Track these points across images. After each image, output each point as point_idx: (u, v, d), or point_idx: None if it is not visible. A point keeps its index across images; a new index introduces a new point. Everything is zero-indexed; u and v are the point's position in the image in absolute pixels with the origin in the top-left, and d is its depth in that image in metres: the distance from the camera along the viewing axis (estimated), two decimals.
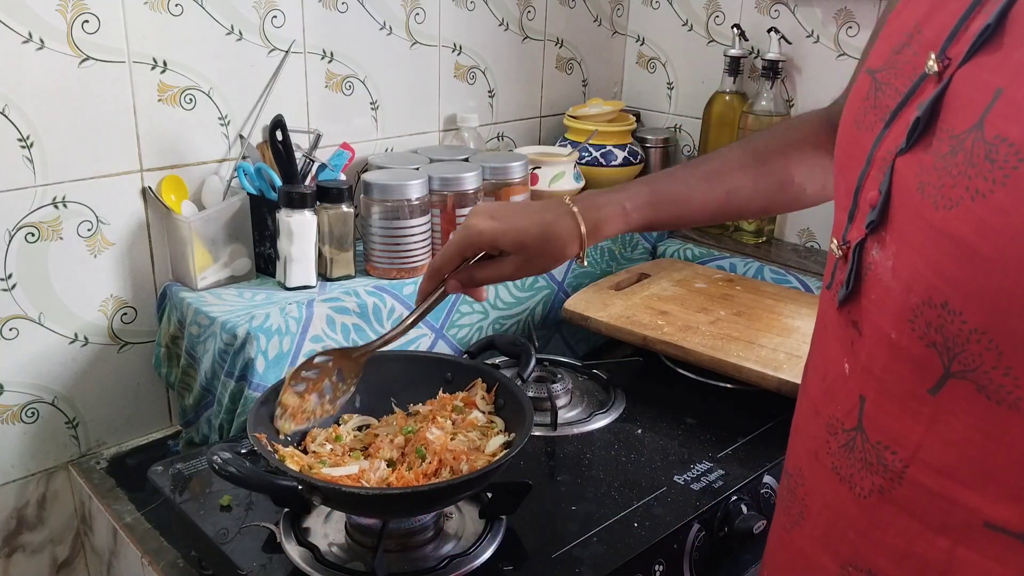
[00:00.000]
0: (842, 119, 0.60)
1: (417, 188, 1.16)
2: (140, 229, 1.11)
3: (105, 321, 1.11)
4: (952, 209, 0.46)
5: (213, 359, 1.05)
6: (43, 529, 1.14)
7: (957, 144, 0.46)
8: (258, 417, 0.84)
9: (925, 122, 0.49)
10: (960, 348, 0.47)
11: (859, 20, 1.37)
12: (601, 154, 1.52)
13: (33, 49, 0.97)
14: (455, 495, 0.83)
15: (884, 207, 0.52)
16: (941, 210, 0.47)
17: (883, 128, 0.53)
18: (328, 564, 0.82)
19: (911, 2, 0.56)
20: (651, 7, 1.64)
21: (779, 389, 1.08)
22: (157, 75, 1.07)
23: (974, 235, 0.45)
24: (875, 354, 0.54)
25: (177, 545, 0.95)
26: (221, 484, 0.91)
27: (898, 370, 0.52)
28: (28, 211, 1.01)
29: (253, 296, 1.10)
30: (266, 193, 1.14)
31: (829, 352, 0.60)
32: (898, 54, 0.54)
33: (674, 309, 1.27)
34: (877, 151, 0.54)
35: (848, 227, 0.56)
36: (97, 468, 1.12)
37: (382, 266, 1.18)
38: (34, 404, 1.08)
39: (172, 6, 1.06)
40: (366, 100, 1.30)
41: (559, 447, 1.05)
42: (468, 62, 1.43)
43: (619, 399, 1.16)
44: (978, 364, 0.46)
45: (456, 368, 0.97)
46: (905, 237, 0.50)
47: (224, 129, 1.15)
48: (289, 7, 1.17)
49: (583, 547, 0.86)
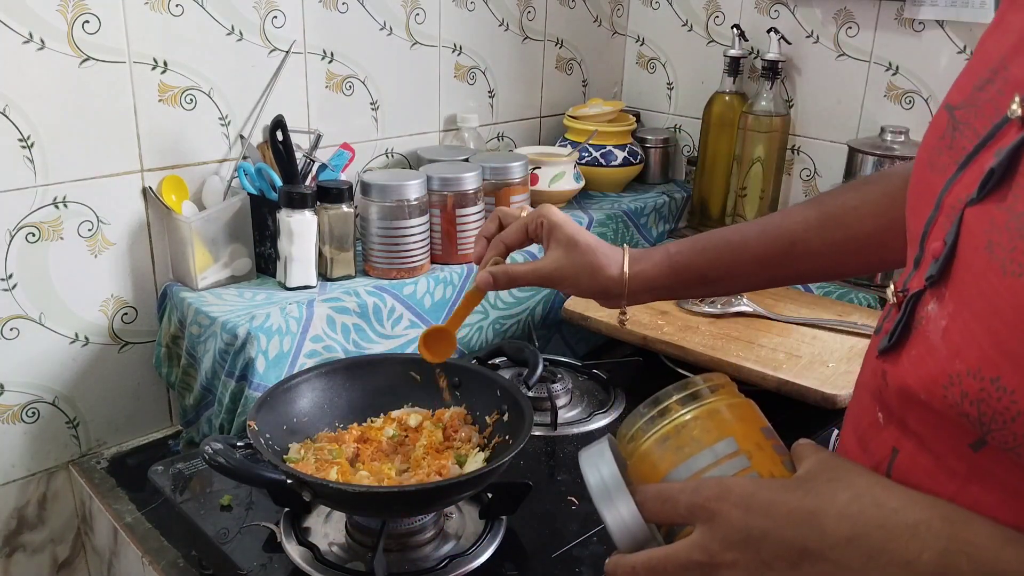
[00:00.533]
0: (917, 156, 0.55)
1: (416, 188, 1.16)
2: (141, 229, 1.11)
3: (106, 321, 1.11)
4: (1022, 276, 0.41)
5: (213, 359, 1.05)
6: (44, 529, 1.14)
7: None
8: (259, 411, 0.84)
9: (1001, 173, 0.43)
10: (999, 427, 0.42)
11: (859, 20, 1.37)
12: (601, 154, 1.52)
13: (34, 49, 0.97)
14: (455, 495, 0.83)
15: (947, 261, 0.46)
16: (1009, 276, 0.41)
17: (955, 172, 0.47)
18: (328, 564, 0.82)
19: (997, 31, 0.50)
20: (651, 7, 1.64)
21: (779, 389, 1.08)
22: (157, 75, 1.07)
23: None
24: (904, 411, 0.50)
25: (177, 545, 0.95)
26: (221, 484, 0.91)
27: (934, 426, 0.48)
28: (29, 211, 1.01)
29: (253, 296, 1.10)
30: (266, 193, 1.14)
31: (863, 400, 0.56)
32: (980, 91, 0.48)
33: (674, 309, 1.27)
34: (946, 197, 0.48)
35: (911, 275, 0.51)
36: (97, 468, 1.12)
37: (381, 266, 1.18)
38: (35, 404, 1.08)
39: (172, 6, 1.06)
40: (366, 100, 1.30)
41: (559, 447, 1.05)
42: (468, 62, 1.43)
43: (619, 399, 1.16)
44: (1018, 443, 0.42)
45: (463, 373, 0.97)
46: (965, 299, 0.44)
47: (224, 129, 1.15)
48: (289, 7, 1.17)
49: (583, 547, 0.86)
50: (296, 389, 0.92)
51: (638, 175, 1.58)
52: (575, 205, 1.47)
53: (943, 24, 1.29)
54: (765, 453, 0.50)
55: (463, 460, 0.87)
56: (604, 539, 0.87)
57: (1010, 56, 0.47)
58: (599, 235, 1.42)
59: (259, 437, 0.82)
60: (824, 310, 1.29)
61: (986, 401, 0.42)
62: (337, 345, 1.10)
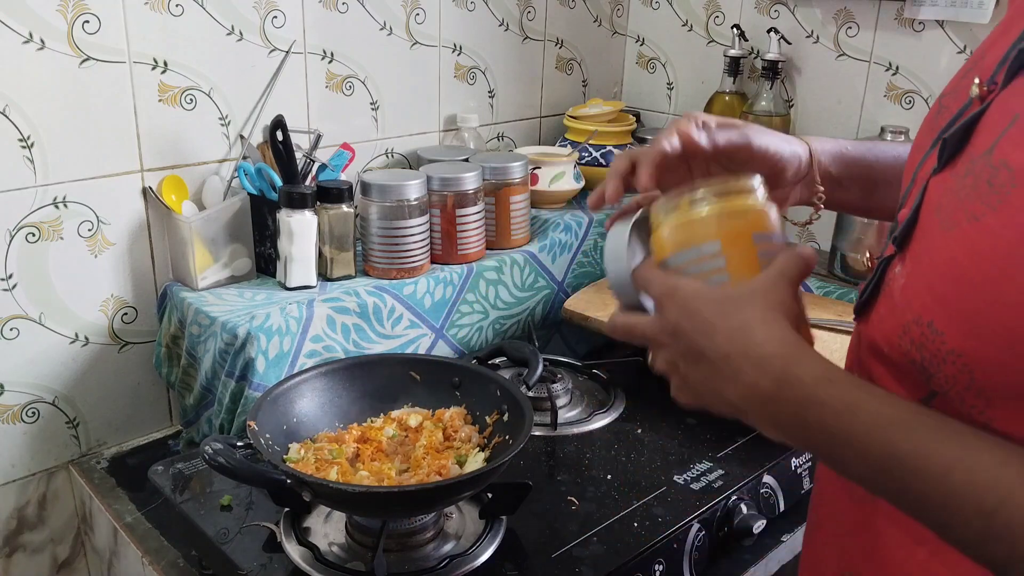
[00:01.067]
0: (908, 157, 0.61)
1: (416, 188, 1.16)
2: (141, 229, 1.11)
3: (106, 321, 1.11)
4: (952, 231, 0.47)
5: (213, 359, 1.05)
6: (44, 529, 1.14)
7: (972, 167, 0.47)
8: (259, 411, 0.84)
9: (954, 145, 0.49)
10: (936, 369, 0.48)
11: (859, 20, 1.37)
12: (601, 154, 1.52)
13: (34, 49, 0.97)
14: (455, 495, 0.83)
15: (910, 226, 0.52)
16: (945, 231, 0.48)
17: (928, 149, 0.54)
18: (328, 564, 0.82)
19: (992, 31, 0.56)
20: (651, 7, 1.64)
21: None
22: (157, 75, 1.07)
23: (965, 257, 0.46)
24: (871, 366, 0.56)
25: (177, 545, 0.95)
26: (221, 484, 0.91)
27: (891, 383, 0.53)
28: (29, 211, 1.01)
29: (253, 296, 1.10)
30: (266, 193, 1.14)
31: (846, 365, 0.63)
32: (962, 79, 0.55)
33: None
34: (920, 171, 0.54)
35: (887, 243, 0.57)
36: (98, 468, 1.12)
37: (381, 266, 1.18)
38: (35, 404, 1.08)
39: (172, 6, 1.06)
40: (366, 100, 1.30)
41: (559, 447, 1.05)
42: (468, 62, 1.43)
43: (619, 399, 1.16)
44: (951, 386, 0.48)
45: (463, 373, 0.97)
46: (918, 257, 0.51)
47: (224, 129, 1.15)
48: (289, 7, 1.17)
49: (583, 547, 0.86)
50: (296, 389, 0.92)
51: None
52: (575, 205, 1.47)
53: (943, 24, 1.29)
54: (745, 259, 0.57)
55: (463, 460, 0.87)
56: (604, 539, 0.87)
57: (988, 47, 0.53)
58: (599, 235, 1.43)
59: (259, 437, 0.82)
60: (824, 310, 1.28)
61: (926, 345, 0.49)
62: (337, 345, 1.10)
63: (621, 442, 1.06)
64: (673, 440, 1.07)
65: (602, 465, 1.01)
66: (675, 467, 1.00)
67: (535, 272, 1.34)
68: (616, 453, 1.04)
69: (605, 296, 1.32)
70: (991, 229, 0.44)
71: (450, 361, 1.04)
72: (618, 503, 0.93)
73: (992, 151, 0.46)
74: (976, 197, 0.46)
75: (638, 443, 1.06)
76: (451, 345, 1.24)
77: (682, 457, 1.03)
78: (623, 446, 1.05)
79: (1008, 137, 0.45)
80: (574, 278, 1.41)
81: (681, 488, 0.96)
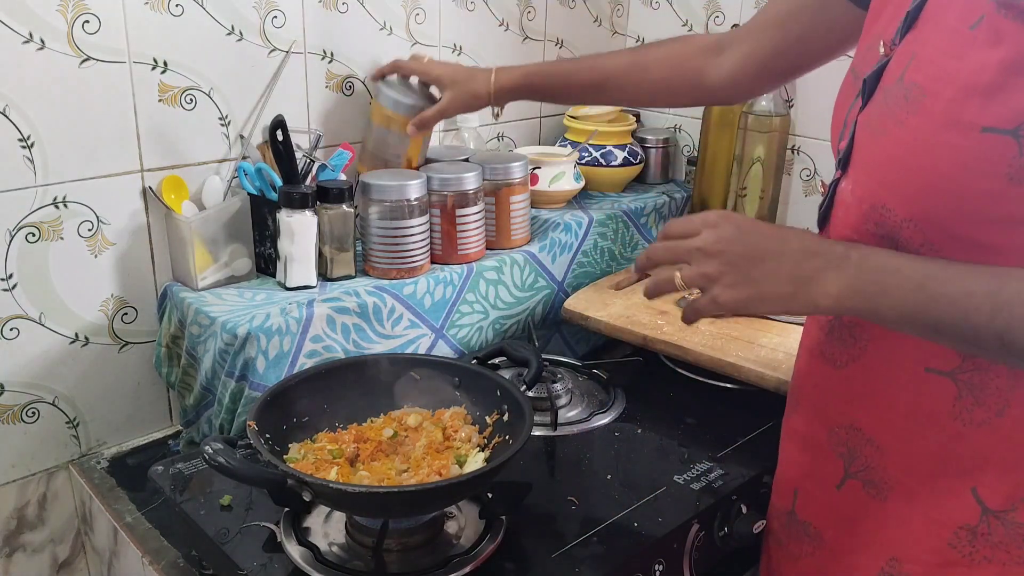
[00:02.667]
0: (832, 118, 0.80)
1: (416, 188, 1.16)
2: (140, 229, 1.11)
3: (106, 321, 1.11)
4: (884, 136, 0.67)
5: (213, 359, 1.05)
6: (44, 529, 1.14)
7: (888, 93, 0.68)
8: (259, 411, 0.84)
9: (872, 82, 0.70)
10: (896, 235, 0.68)
11: None
12: (601, 154, 1.52)
13: (33, 49, 0.97)
14: (455, 495, 0.83)
15: (848, 151, 0.73)
16: (879, 136, 0.68)
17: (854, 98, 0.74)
18: (328, 564, 0.82)
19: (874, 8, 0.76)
20: (651, 7, 1.64)
21: (778, 389, 1.08)
22: (157, 75, 1.07)
23: (901, 150, 0.65)
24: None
25: (177, 545, 0.95)
26: (221, 484, 0.91)
27: None
28: (29, 211, 1.01)
29: (253, 296, 1.10)
30: (266, 193, 1.14)
31: None
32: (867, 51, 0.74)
33: (674, 309, 1.27)
34: (849, 116, 0.74)
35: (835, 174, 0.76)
36: (97, 468, 1.12)
37: (381, 266, 1.18)
38: (34, 404, 1.08)
39: (172, 6, 1.06)
40: (366, 100, 1.30)
41: (559, 447, 1.05)
42: (468, 62, 1.43)
43: (619, 399, 1.16)
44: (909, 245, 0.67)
45: (463, 373, 0.97)
46: (859, 166, 0.72)
47: (224, 129, 1.15)
48: (289, 7, 1.17)
49: (583, 547, 0.86)
50: (296, 389, 0.92)
51: (638, 175, 1.58)
52: (575, 205, 1.47)
53: None
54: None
55: (463, 460, 0.87)
56: (604, 539, 0.87)
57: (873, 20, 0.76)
58: (599, 235, 1.43)
59: (259, 437, 0.82)
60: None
61: (884, 223, 0.68)
62: (337, 345, 1.10)
63: (621, 442, 1.06)
64: (673, 440, 1.07)
65: (602, 465, 1.01)
66: (675, 467, 1.00)
67: (535, 272, 1.34)
68: (616, 453, 1.04)
69: (605, 296, 1.32)
70: (915, 126, 0.64)
71: (450, 361, 1.04)
72: (618, 503, 0.93)
73: (903, 78, 0.66)
74: (898, 109, 0.66)
75: (638, 443, 1.06)
76: (451, 345, 1.24)
77: (682, 457, 1.03)
78: (623, 446, 1.05)
79: (912, 68, 0.65)
80: (574, 278, 1.41)
81: (681, 488, 0.96)
